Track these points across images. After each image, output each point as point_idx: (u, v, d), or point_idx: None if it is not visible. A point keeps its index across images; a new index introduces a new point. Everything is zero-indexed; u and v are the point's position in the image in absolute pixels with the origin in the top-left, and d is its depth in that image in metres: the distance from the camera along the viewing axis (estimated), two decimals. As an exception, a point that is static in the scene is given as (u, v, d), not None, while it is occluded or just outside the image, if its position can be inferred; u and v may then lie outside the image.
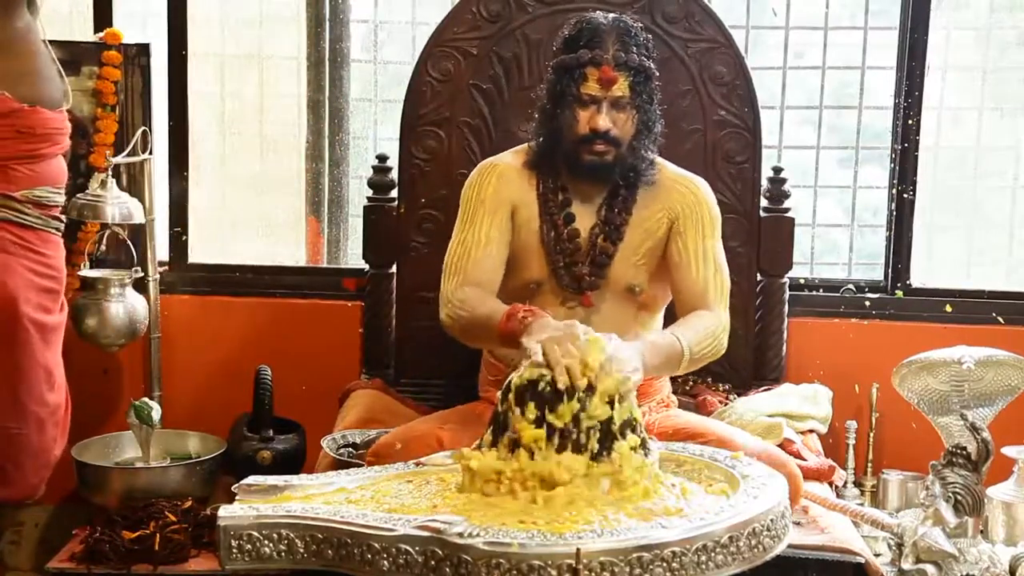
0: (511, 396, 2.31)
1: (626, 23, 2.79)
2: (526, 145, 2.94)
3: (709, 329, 2.73)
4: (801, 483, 2.66)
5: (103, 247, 3.54)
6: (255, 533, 2.18)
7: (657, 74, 2.83)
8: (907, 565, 2.67)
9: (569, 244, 2.85)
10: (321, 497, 2.31)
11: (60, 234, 2.60)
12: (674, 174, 2.92)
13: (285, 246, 3.99)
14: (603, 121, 2.74)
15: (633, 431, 2.29)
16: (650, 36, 2.85)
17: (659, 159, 2.92)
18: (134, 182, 3.56)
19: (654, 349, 2.58)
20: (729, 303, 2.86)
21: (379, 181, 3.51)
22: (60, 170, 2.54)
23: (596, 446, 2.25)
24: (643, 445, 2.30)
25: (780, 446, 2.94)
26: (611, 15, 2.84)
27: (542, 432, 2.25)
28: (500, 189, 2.87)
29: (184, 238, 3.75)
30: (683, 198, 2.87)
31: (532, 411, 2.27)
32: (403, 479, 2.43)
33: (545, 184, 2.88)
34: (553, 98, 2.81)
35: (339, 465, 2.72)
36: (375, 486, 2.38)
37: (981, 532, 2.90)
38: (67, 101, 2.64)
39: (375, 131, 3.95)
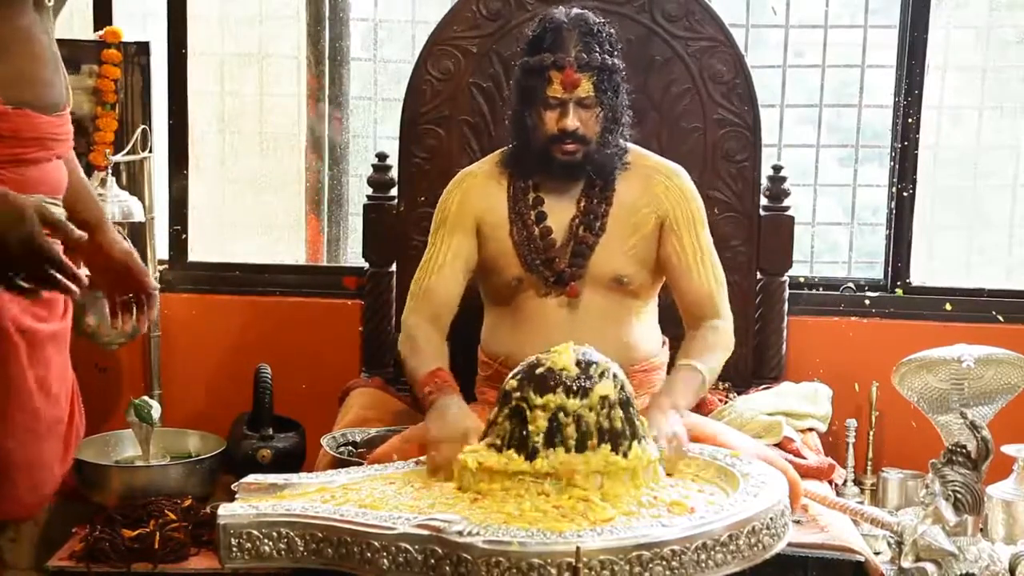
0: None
1: (588, 21, 2.80)
2: (503, 149, 2.98)
3: (721, 343, 2.83)
4: (800, 487, 2.66)
5: (103, 246, 3.53)
6: (255, 532, 2.18)
7: (622, 65, 2.85)
8: (907, 563, 2.67)
9: (542, 242, 2.87)
10: (305, 497, 2.31)
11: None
12: (651, 162, 2.95)
13: (285, 245, 3.99)
14: (571, 122, 2.77)
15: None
16: (613, 31, 2.86)
17: (632, 146, 2.94)
18: (134, 180, 3.56)
19: (684, 392, 2.67)
20: (729, 302, 2.90)
21: (379, 179, 3.51)
22: (57, 178, 2.42)
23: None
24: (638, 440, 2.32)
25: (779, 445, 2.94)
26: (574, 11, 2.84)
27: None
28: (464, 204, 2.92)
29: (184, 236, 3.75)
30: (668, 193, 2.90)
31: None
32: (387, 480, 2.43)
33: (516, 185, 2.91)
34: (520, 100, 2.85)
35: (339, 463, 2.71)
36: (358, 485, 2.38)
37: (981, 530, 2.89)
38: (69, 103, 2.54)
39: (375, 129, 3.95)
